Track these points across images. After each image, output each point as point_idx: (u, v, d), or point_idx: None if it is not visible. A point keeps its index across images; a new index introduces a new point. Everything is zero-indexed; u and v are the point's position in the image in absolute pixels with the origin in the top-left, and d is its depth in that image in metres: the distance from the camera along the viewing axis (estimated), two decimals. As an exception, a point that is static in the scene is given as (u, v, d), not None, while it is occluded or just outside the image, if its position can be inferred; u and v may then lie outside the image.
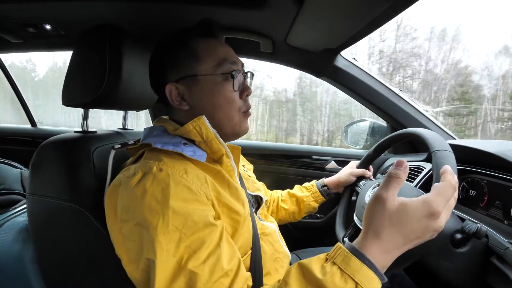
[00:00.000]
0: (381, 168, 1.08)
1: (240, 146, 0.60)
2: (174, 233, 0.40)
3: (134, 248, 0.42)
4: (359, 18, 0.69)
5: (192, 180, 0.46)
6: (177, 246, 0.40)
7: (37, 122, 1.70)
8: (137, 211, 0.42)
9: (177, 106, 0.55)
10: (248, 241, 0.54)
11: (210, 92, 0.54)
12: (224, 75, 0.55)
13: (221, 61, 0.55)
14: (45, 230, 0.57)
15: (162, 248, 0.39)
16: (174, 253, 0.39)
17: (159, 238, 0.39)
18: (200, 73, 0.54)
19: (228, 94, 0.55)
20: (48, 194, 0.54)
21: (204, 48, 0.55)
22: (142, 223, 0.41)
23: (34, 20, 0.84)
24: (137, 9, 0.77)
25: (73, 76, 0.62)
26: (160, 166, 0.46)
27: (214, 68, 0.54)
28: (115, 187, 0.47)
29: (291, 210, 0.88)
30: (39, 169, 0.56)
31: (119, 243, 0.45)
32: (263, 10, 0.74)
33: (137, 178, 0.44)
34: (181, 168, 0.47)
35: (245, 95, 0.58)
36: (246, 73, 0.60)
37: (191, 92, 0.55)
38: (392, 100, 1.03)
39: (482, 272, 0.54)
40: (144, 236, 0.41)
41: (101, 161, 0.58)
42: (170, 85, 0.54)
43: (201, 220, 0.42)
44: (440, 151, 0.54)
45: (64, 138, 0.58)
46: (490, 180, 0.67)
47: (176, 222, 0.41)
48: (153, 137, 0.53)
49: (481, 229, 0.50)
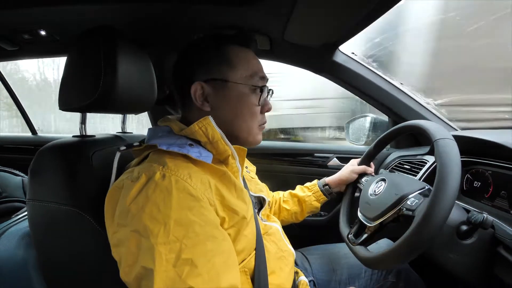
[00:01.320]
0: (383, 163, 1.07)
1: (246, 148, 0.60)
2: (175, 243, 0.40)
3: (128, 254, 0.42)
4: (356, 9, 0.68)
5: (195, 185, 0.46)
6: (178, 257, 0.39)
7: (37, 129, 1.71)
8: (137, 218, 0.41)
9: (199, 105, 0.56)
10: (252, 242, 0.54)
11: (237, 100, 0.56)
12: (254, 87, 0.57)
13: (254, 73, 0.57)
14: (46, 235, 0.57)
15: (161, 258, 0.38)
16: (174, 263, 0.39)
17: (159, 247, 0.39)
18: (231, 80, 0.55)
19: (252, 106, 0.57)
20: (47, 199, 0.54)
21: (239, 57, 0.57)
22: (141, 230, 0.41)
23: (29, 26, 0.84)
24: (132, 10, 0.76)
25: (68, 80, 0.62)
26: (163, 171, 0.45)
27: (246, 78, 0.56)
28: (117, 188, 0.47)
29: (293, 211, 0.87)
30: (37, 174, 0.55)
31: (114, 247, 0.45)
32: (257, 7, 0.73)
33: (140, 184, 0.44)
34: (185, 172, 0.46)
35: (265, 110, 0.61)
36: (270, 90, 0.62)
37: (217, 95, 0.55)
38: (392, 94, 1.02)
39: (489, 263, 0.53)
40: (142, 244, 0.40)
41: (100, 164, 0.58)
42: (198, 84, 0.55)
43: (202, 232, 0.42)
44: (441, 139, 0.53)
45: (61, 143, 0.58)
46: (494, 171, 0.66)
47: (177, 233, 0.40)
48: (158, 138, 0.53)
49: (487, 219, 0.49)
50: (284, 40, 0.92)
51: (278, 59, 1.06)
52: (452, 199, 0.46)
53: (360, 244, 0.64)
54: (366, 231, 0.64)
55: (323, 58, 0.98)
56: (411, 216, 0.53)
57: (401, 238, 0.50)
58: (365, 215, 0.66)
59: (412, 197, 0.57)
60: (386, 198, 0.62)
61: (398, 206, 0.58)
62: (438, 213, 0.46)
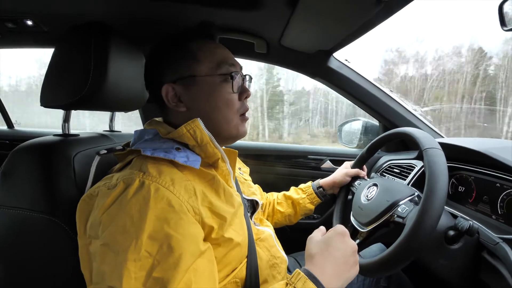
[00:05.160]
0: (374, 167, 1.11)
1: (237, 150, 0.59)
2: (146, 259, 0.37)
3: (96, 270, 0.39)
4: (351, 21, 0.70)
5: (178, 193, 0.43)
6: (148, 275, 0.36)
7: (14, 123, 1.60)
8: (108, 230, 0.39)
9: (173, 107, 0.54)
10: (243, 249, 0.52)
11: (209, 93, 0.54)
12: (223, 76, 0.55)
13: (220, 62, 0.55)
14: (13, 246, 0.52)
15: (130, 276, 0.35)
16: (144, 282, 0.36)
17: (127, 264, 0.36)
18: (198, 74, 0.53)
19: (227, 95, 0.55)
20: (18, 205, 0.49)
21: (203, 50, 0.55)
22: (111, 244, 0.38)
23: (13, 15, 0.79)
24: (127, 7, 0.74)
25: (54, 75, 0.58)
26: (143, 178, 0.42)
27: (213, 69, 0.54)
28: (91, 196, 0.44)
29: (287, 213, 0.87)
30: (9, 177, 0.50)
31: (84, 259, 0.43)
32: (257, 11, 0.73)
33: (116, 193, 0.41)
34: (168, 179, 0.44)
35: (244, 97, 0.58)
36: (244, 76, 0.60)
37: (189, 93, 0.54)
38: (383, 100, 1.06)
39: (475, 267, 0.56)
40: (110, 260, 0.37)
41: (83, 167, 0.53)
42: (167, 86, 0.53)
43: (178, 247, 0.38)
44: (430, 149, 0.57)
45: (40, 142, 0.53)
46: (477, 177, 0.70)
47: (150, 248, 0.37)
48: (144, 142, 0.51)
49: (473, 226, 0.52)
50: (281, 44, 0.93)
51: (274, 62, 1.08)
52: (441, 208, 0.49)
53: None
54: (358, 236, 0.67)
55: (318, 64, 1.01)
56: (402, 224, 0.56)
57: (392, 246, 0.52)
58: (358, 220, 0.69)
59: (403, 204, 0.60)
60: (378, 204, 0.64)
61: (389, 212, 0.61)
62: (427, 221, 0.48)
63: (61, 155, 0.52)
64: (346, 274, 0.46)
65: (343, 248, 0.48)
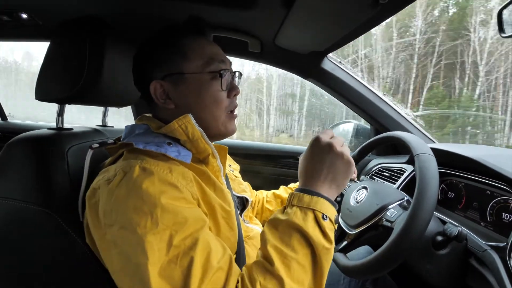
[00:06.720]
0: (364, 170, 1.10)
1: (227, 146, 0.58)
2: (164, 231, 0.39)
3: (118, 255, 0.40)
4: (347, 23, 0.70)
5: (177, 179, 0.44)
6: (169, 244, 0.38)
7: (8, 115, 1.59)
8: (121, 214, 0.40)
9: (162, 104, 0.54)
10: (233, 244, 0.52)
11: (197, 90, 0.53)
12: (212, 73, 0.54)
13: (209, 59, 0.54)
14: (6, 237, 0.53)
15: (153, 249, 0.37)
16: (166, 252, 0.38)
17: (148, 238, 0.38)
18: (187, 71, 0.53)
19: (215, 93, 0.54)
20: (12, 196, 0.50)
21: (192, 46, 0.54)
22: (128, 225, 0.39)
23: (8, 8, 0.79)
24: (123, 3, 0.74)
25: (49, 69, 0.59)
26: (143, 164, 0.44)
27: (201, 66, 0.53)
28: (94, 190, 0.45)
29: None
30: (4, 169, 0.51)
31: (105, 251, 0.43)
32: (252, 11, 0.73)
33: (119, 179, 0.43)
34: (165, 167, 0.45)
35: (232, 95, 0.57)
36: (234, 72, 0.59)
37: (177, 90, 0.53)
38: (375, 103, 1.05)
39: (462, 273, 0.56)
40: (131, 240, 0.39)
41: (76, 160, 0.54)
42: (155, 83, 0.53)
43: (191, 215, 0.41)
44: (422, 154, 0.56)
45: (35, 135, 0.54)
46: (467, 183, 0.70)
47: (166, 220, 0.39)
48: (135, 136, 0.51)
49: (461, 233, 0.51)
50: (275, 44, 0.92)
51: (267, 62, 1.07)
52: (430, 214, 0.49)
53: (340, 251, 0.65)
54: (346, 238, 0.66)
55: (311, 65, 1.00)
56: (390, 228, 0.55)
57: (379, 250, 0.52)
58: (346, 222, 0.68)
59: (392, 208, 0.59)
60: (367, 207, 0.64)
61: (378, 216, 0.60)
62: (416, 227, 0.48)
63: (55, 149, 0.53)
64: (337, 181, 0.48)
65: (329, 158, 0.48)
